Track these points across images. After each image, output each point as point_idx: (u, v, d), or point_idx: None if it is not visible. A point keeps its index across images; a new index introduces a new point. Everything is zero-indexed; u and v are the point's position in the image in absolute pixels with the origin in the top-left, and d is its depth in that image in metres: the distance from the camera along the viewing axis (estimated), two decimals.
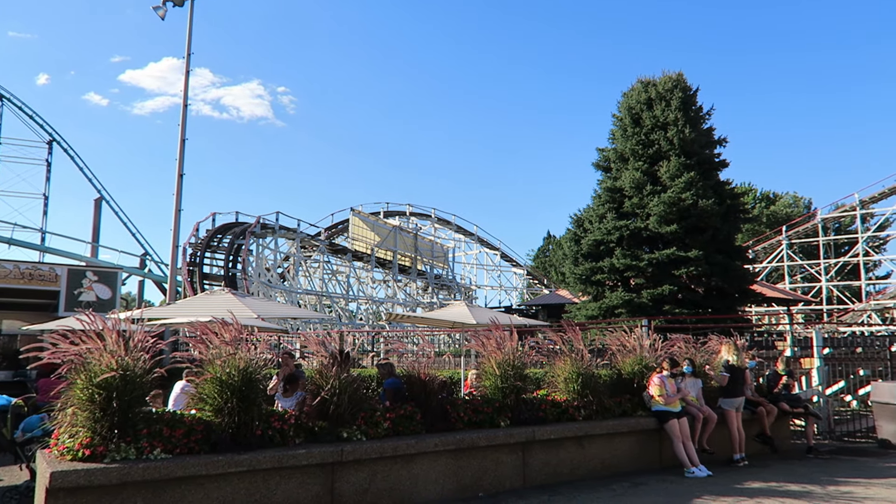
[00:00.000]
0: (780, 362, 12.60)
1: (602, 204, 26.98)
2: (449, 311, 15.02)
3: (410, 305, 46.90)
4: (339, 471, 6.96)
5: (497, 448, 8.14)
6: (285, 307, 24.74)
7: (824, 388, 14.45)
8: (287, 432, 6.95)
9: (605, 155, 28.56)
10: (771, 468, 9.85)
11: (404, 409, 7.80)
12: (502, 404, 8.60)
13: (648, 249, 25.69)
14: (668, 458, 9.59)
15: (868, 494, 7.97)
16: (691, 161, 25.52)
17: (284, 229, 40.07)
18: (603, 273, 25.65)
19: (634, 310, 23.65)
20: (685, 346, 11.38)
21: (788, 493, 8.07)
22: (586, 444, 9.02)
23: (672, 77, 27.34)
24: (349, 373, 7.59)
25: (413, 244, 49.37)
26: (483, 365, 9.27)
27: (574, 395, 9.32)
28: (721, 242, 25.32)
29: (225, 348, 6.92)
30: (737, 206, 27.34)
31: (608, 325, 21.51)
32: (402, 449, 7.33)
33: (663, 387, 9.57)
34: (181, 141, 19.49)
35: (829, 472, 9.53)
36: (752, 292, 27.29)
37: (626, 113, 27.72)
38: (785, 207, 64.94)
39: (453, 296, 51.98)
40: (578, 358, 9.57)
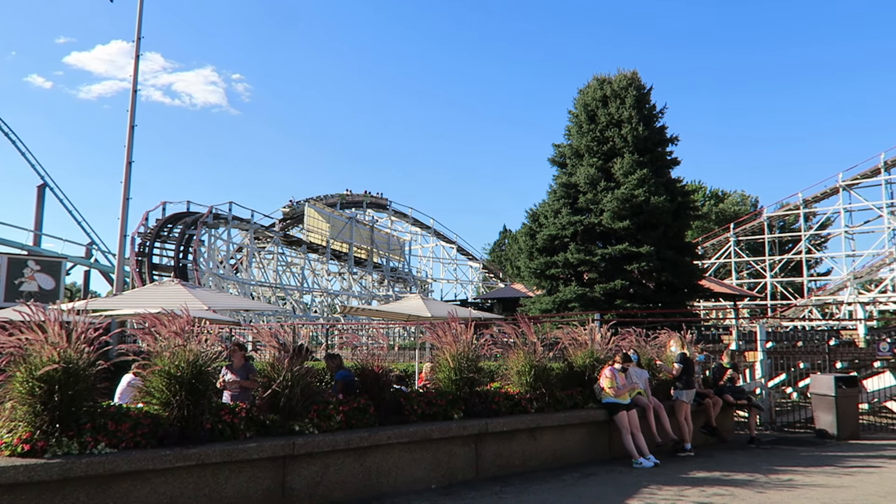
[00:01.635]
0: (726, 355, 12.96)
1: (557, 199, 27.27)
2: (404, 303, 15.03)
3: (366, 298, 46.68)
4: (291, 464, 6.90)
5: (450, 440, 8.19)
6: (238, 299, 24.37)
7: (767, 381, 14.95)
8: (238, 426, 6.86)
9: (561, 151, 28.85)
10: (715, 458, 10.15)
11: (357, 402, 7.78)
12: (456, 397, 8.65)
13: (602, 245, 26.10)
14: (617, 449, 9.80)
15: (806, 482, 8.28)
16: (644, 158, 25.98)
17: (238, 220, 39.36)
18: (557, 267, 25.95)
19: (587, 304, 24.01)
20: (636, 339, 11.65)
21: (732, 481, 8.33)
22: (538, 435, 9.15)
23: (627, 75, 27.75)
24: (303, 366, 7.52)
25: (369, 236, 49.13)
26: (438, 358, 9.30)
27: (527, 387, 9.44)
28: (672, 239, 25.86)
29: (174, 340, 6.78)
30: (687, 203, 27.96)
31: (561, 318, 21.83)
32: (355, 442, 7.30)
33: (614, 379, 9.77)
34: (130, 127, 18.96)
35: (769, 462, 9.88)
36: (700, 287, 27.97)
37: (582, 110, 28.05)
38: (733, 205, 66.81)
39: (409, 289, 51.95)
40: (532, 351, 9.70)
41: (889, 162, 48.44)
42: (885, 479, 8.51)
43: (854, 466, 9.48)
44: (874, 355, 15.95)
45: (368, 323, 29.14)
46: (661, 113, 27.80)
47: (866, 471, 9.15)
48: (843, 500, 7.26)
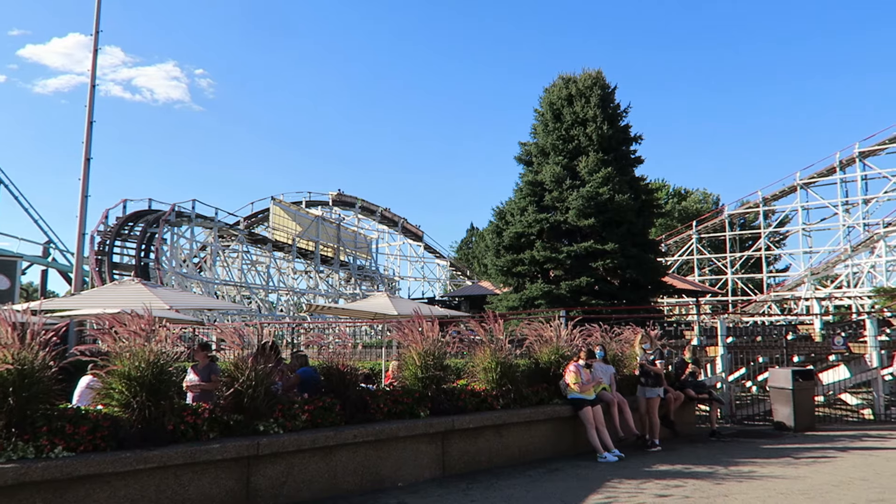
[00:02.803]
0: (688, 351, 13.22)
1: (523, 197, 27.45)
2: (371, 302, 14.96)
3: (333, 296, 46.37)
4: (255, 465, 6.83)
5: (416, 438, 8.19)
6: (201, 298, 24.00)
7: (727, 375, 15.27)
8: (200, 426, 6.76)
9: (527, 149, 29.06)
10: (678, 451, 10.34)
11: (323, 401, 7.73)
12: (422, 395, 8.65)
13: (567, 242, 26.37)
14: (582, 444, 9.91)
15: (764, 473, 8.49)
16: (609, 157, 26.31)
17: (201, 218, 38.75)
18: (523, 265, 26.14)
19: (553, 301, 24.23)
20: (601, 335, 11.80)
21: (692, 474, 8.50)
22: (504, 432, 9.20)
23: (592, 75, 28.05)
24: (267, 364, 7.44)
25: (336, 234, 48.81)
26: (404, 356, 9.30)
27: (493, 384, 9.49)
28: (636, 236, 26.23)
29: (135, 340, 6.65)
30: (651, 201, 28.42)
31: (528, 315, 21.98)
32: (320, 441, 7.26)
33: (579, 375, 9.87)
34: (88, 123, 18.50)
35: (729, 454, 10.10)
36: (664, 284, 28.45)
37: (548, 108, 28.27)
38: (695, 203, 67.97)
39: (376, 287, 51.75)
40: (498, 348, 9.75)
41: (844, 161, 49.83)
42: (839, 469, 8.77)
43: (810, 457, 9.74)
44: (829, 349, 16.38)
45: (335, 321, 28.98)
46: (625, 112, 28.19)
47: (821, 461, 9.42)
48: (798, 490, 7.46)
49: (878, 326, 16.01)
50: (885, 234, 46.93)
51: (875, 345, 15.27)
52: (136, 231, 35.54)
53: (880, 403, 15.00)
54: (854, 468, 8.84)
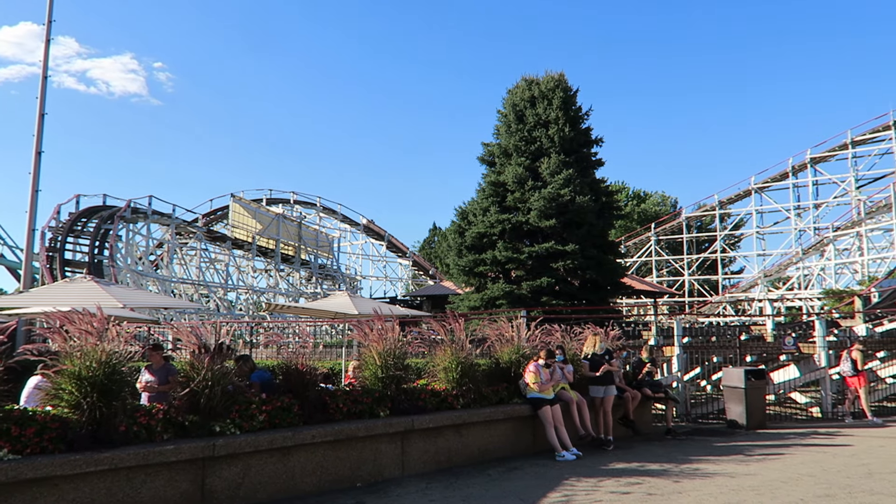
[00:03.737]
0: (645, 351, 13.42)
1: (486, 197, 27.57)
2: (331, 301, 14.83)
3: (293, 296, 45.87)
4: (211, 466, 6.72)
5: (376, 438, 8.16)
6: (156, 296, 23.50)
7: (683, 374, 15.58)
8: (154, 428, 6.62)
9: (490, 150, 29.19)
10: (634, 450, 10.51)
11: (281, 401, 7.64)
12: (382, 394, 8.62)
13: (529, 242, 26.58)
14: (541, 442, 10.00)
15: (717, 470, 8.69)
16: (570, 159, 26.60)
17: (158, 214, 37.92)
18: (485, 265, 26.25)
19: (515, 301, 24.39)
20: (561, 335, 11.93)
21: (648, 471, 8.65)
22: (464, 431, 9.23)
23: (554, 77, 28.32)
24: (224, 364, 7.33)
25: (297, 233, 48.29)
26: (364, 355, 9.26)
27: (453, 384, 9.51)
28: (596, 237, 26.58)
29: (87, 339, 6.47)
30: (611, 203, 28.83)
31: (489, 315, 22.08)
32: (278, 441, 7.18)
33: (538, 375, 9.96)
34: (39, 115, 17.95)
35: (684, 452, 10.31)
36: (623, 285, 28.88)
37: (511, 110, 28.44)
38: (654, 206, 69.22)
39: (338, 286, 51.39)
40: (459, 348, 9.78)
41: (796, 166, 51.33)
42: (788, 466, 9.03)
43: (761, 454, 10.00)
44: (781, 349, 16.84)
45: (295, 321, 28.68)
46: (586, 115, 28.53)
47: (771, 458, 9.68)
48: (749, 486, 7.66)
49: (826, 327, 16.54)
50: (835, 237, 48.48)
51: (823, 345, 15.77)
52: (89, 227, 34.58)
53: (828, 402, 15.50)
54: (802, 465, 9.11)
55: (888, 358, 18.46)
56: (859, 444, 10.98)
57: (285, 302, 37.06)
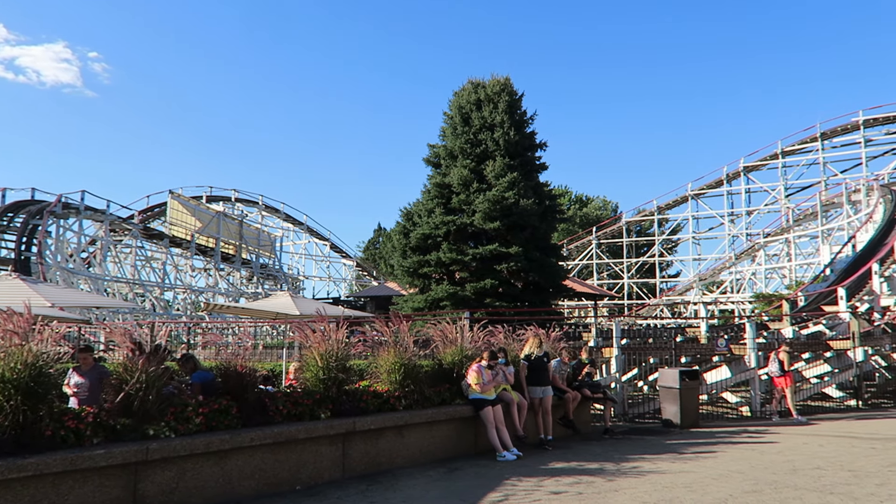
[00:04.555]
0: (585, 352, 13.69)
1: (431, 199, 27.61)
2: (272, 301, 14.62)
3: (233, 295, 44.90)
4: (144, 470, 6.51)
5: (317, 440, 8.06)
6: (87, 295, 22.64)
7: (621, 375, 15.95)
8: (83, 432, 6.37)
9: (436, 151, 29.25)
10: (573, 449, 10.71)
11: (219, 403, 7.46)
12: (324, 396, 8.53)
13: (473, 244, 26.74)
14: (483, 443, 10.07)
15: (652, 468, 8.93)
16: (515, 162, 26.90)
17: (91, 210, 36.53)
18: (430, 266, 26.29)
19: (458, 302, 24.50)
20: (504, 337, 12.06)
21: (586, 470, 8.82)
22: (406, 433, 9.22)
23: (500, 81, 28.59)
24: (160, 366, 7.11)
25: (238, 231, 47.30)
26: (306, 357, 9.14)
27: (396, 385, 9.48)
28: (539, 240, 26.96)
29: (11, 340, 6.19)
30: (554, 206, 29.29)
31: (433, 316, 22.12)
32: (215, 445, 7.01)
33: (480, 375, 10.03)
34: None
35: (621, 451, 10.56)
36: (565, 287, 29.36)
37: (457, 112, 28.57)
38: (595, 210, 70.70)
39: (280, 286, 50.57)
40: (403, 349, 9.76)
41: (730, 174, 53.29)
42: (719, 463, 9.35)
43: (693, 453, 10.34)
44: (713, 351, 17.45)
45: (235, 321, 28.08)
46: (531, 119, 28.89)
47: (703, 456, 10.02)
48: (682, 483, 7.90)
49: (756, 330, 17.21)
50: (765, 243, 50.54)
51: (753, 347, 16.40)
52: (16, 222, 33.08)
53: (756, 401, 16.13)
54: (732, 461, 9.45)
55: (813, 359, 19.37)
56: (785, 442, 11.47)
57: (225, 302, 36.23)
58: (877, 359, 19.52)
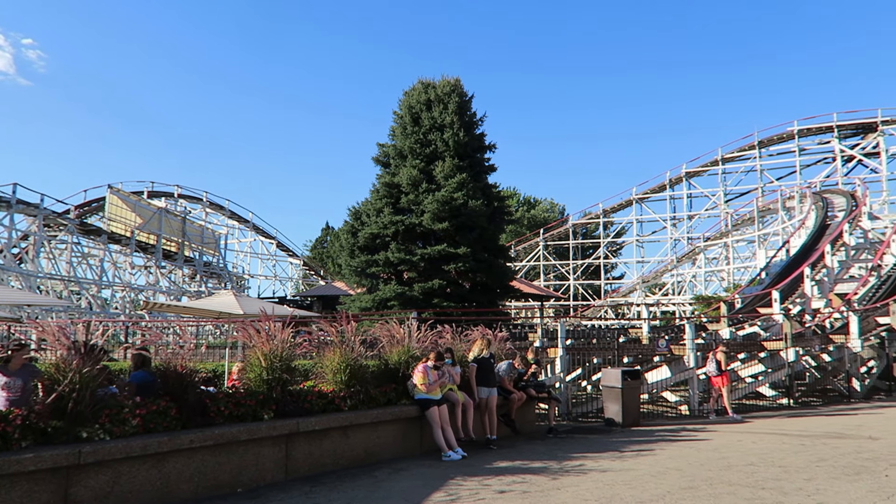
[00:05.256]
0: (531, 352, 13.83)
1: (380, 198, 27.49)
2: (215, 300, 14.31)
3: (175, 294, 43.67)
4: (77, 475, 6.27)
5: (259, 441, 7.93)
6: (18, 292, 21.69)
7: (565, 375, 16.19)
8: (10, 435, 6.10)
9: (385, 151, 29.14)
10: (517, 448, 10.81)
11: (157, 405, 7.25)
12: (267, 397, 8.39)
13: (421, 245, 26.74)
14: (428, 443, 10.08)
15: (594, 466, 9.10)
16: (464, 163, 27.02)
17: (23, 204, 34.95)
18: (378, 266, 26.16)
19: (406, 302, 24.46)
20: (451, 337, 12.09)
21: (530, 469, 8.92)
22: (351, 433, 9.15)
23: (451, 82, 28.68)
24: (93, 366, 6.86)
25: (181, 228, 46.06)
26: (249, 357, 8.98)
27: (341, 385, 9.40)
28: (487, 241, 27.13)
29: None
30: (502, 208, 29.53)
31: (381, 316, 22.02)
32: (152, 447, 6.80)
33: (426, 376, 10.04)
34: None
35: (564, 449, 10.72)
36: (512, 288, 29.64)
37: (407, 112, 28.53)
38: (543, 212, 71.62)
39: (224, 285, 49.49)
40: (349, 349, 9.68)
41: (673, 180, 54.77)
42: (658, 461, 9.59)
43: (634, 451, 10.57)
44: (655, 351, 17.89)
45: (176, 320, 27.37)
46: (480, 120, 29.07)
47: (644, 454, 10.26)
48: (622, 481, 8.07)
49: (695, 331, 17.72)
50: (705, 247, 52.12)
51: (692, 347, 16.89)
52: None
53: (695, 400, 16.62)
54: (671, 459, 9.71)
55: (748, 359, 20.08)
56: (721, 440, 11.85)
57: (166, 300, 35.22)
58: (807, 359, 20.36)
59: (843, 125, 50.28)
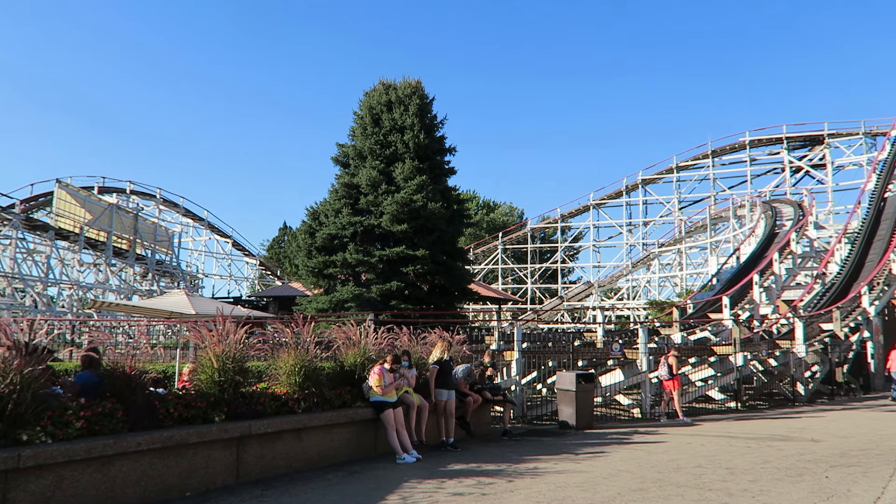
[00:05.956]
0: (487, 355, 13.89)
1: (339, 199, 27.28)
2: (167, 299, 14.00)
3: (126, 293, 42.54)
4: (15, 479, 6.04)
5: (210, 444, 7.76)
6: None
7: (521, 378, 16.31)
8: None
9: (345, 151, 28.94)
10: (472, 451, 10.84)
11: (103, 406, 7.04)
12: (218, 398, 8.23)
13: (380, 246, 26.63)
14: (383, 446, 10.03)
15: (547, 468, 9.18)
16: (424, 165, 27.01)
17: None
18: (335, 267, 25.95)
19: (364, 304, 24.32)
20: (408, 339, 12.06)
21: (485, 472, 8.95)
22: (304, 436, 9.04)
23: (412, 83, 28.65)
24: (36, 366, 6.62)
25: (133, 225, 44.90)
26: (201, 358, 8.80)
27: (295, 387, 9.29)
28: (446, 244, 27.17)
29: None
30: (461, 211, 29.61)
31: (338, 318, 21.84)
32: (97, 450, 6.60)
33: (381, 378, 9.99)
34: None
35: (519, 452, 10.79)
36: (470, 291, 29.74)
37: (367, 112, 28.38)
38: (502, 216, 72.07)
39: (177, 284, 48.43)
40: (304, 351, 9.58)
41: (630, 186, 55.75)
42: (610, 463, 9.73)
43: (588, 453, 10.71)
44: (609, 354, 18.17)
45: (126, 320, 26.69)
46: (441, 123, 29.13)
47: (596, 456, 10.39)
48: (574, 483, 8.16)
49: (648, 335, 18.05)
50: (659, 253, 53.18)
51: (645, 351, 17.20)
52: None
53: (647, 403, 16.92)
54: (622, 461, 9.86)
55: (698, 363, 20.55)
56: (671, 442, 12.09)
57: (116, 299, 34.30)
58: (755, 363, 20.94)
59: (792, 137, 51.95)
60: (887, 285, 26.91)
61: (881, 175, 36.76)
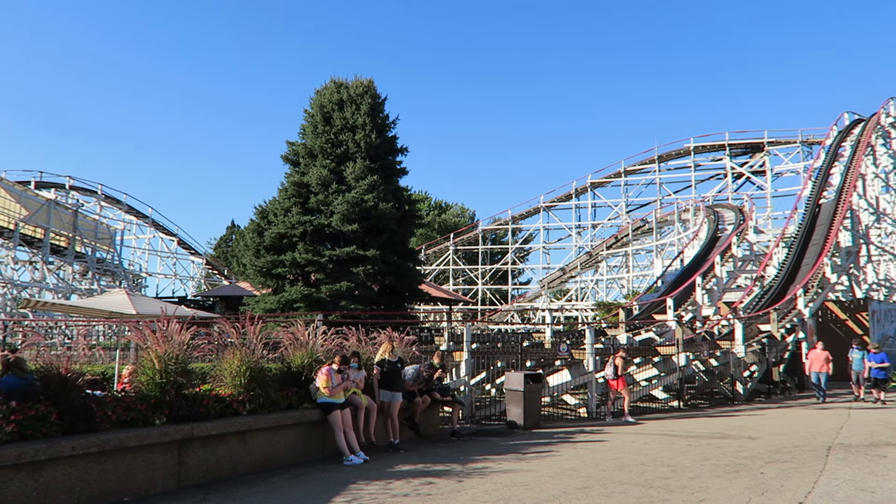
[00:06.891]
0: (437, 356, 13.90)
1: (288, 197, 26.89)
2: (107, 299, 13.57)
3: (64, 292, 41.01)
4: None
5: (150, 448, 7.55)
6: None
7: (470, 378, 16.38)
8: None
9: (295, 149, 28.54)
10: (420, 451, 10.84)
11: (35, 410, 6.77)
12: (159, 400, 8.02)
13: (330, 246, 26.36)
14: (330, 448, 9.94)
15: (495, 468, 9.24)
16: (375, 165, 26.86)
17: None
18: (284, 266, 25.57)
19: (313, 304, 24.02)
20: (357, 340, 11.97)
21: (433, 472, 8.96)
22: (249, 438, 8.88)
23: (363, 83, 28.45)
24: None
25: (72, 222, 43.32)
26: (142, 359, 8.55)
27: (240, 389, 9.13)
28: (397, 244, 27.06)
29: None
30: (413, 211, 29.55)
31: (286, 318, 21.52)
32: (28, 455, 6.34)
33: (329, 379, 9.90)
34: None
35: (467, 452, 10.83)
36: (421, 292, 29.68)
37: (318, 111, 28.06)
38: (454, 217, 72.31)
39: (119, 283, 46.95)
40: (249, 351, 9.42)
41: (579, 189, 56.63)
42: (556, 462, 9.87)
43: (534, 452, 10.83)
44: (556, 355, 18.41)
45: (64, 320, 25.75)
46: (393, 123, 29.00)
47: (543, 455, 10.52)
48: (521, 482, 8.24)
49: (595, 336, 18.36)
50: (607, 255, 54.16)
51: (592, 352, 17.49)
52: None
53: (593, 403, 17.21)
54: (568, 460, 10.01)
55: (643, 364, 21.02)
56: (615, 441, 12.33)
57: (53, 299, 33.05)
58: (697, 363, 21.54)
59: (734, 144, 53.64)
60: (821, 288, 28.04)
61: (816, 182, 38.28)
